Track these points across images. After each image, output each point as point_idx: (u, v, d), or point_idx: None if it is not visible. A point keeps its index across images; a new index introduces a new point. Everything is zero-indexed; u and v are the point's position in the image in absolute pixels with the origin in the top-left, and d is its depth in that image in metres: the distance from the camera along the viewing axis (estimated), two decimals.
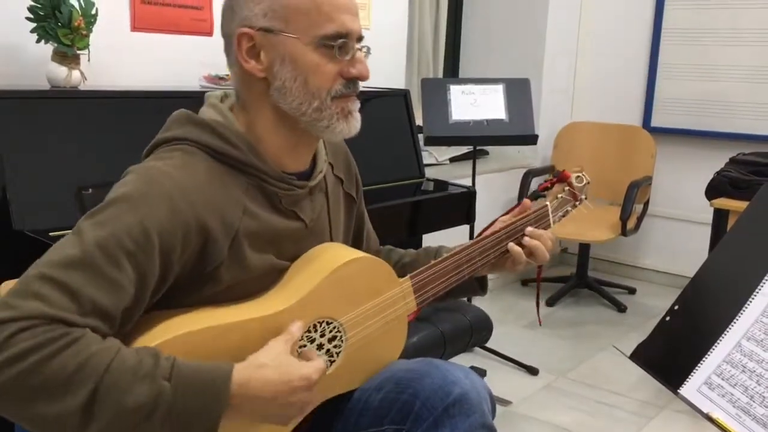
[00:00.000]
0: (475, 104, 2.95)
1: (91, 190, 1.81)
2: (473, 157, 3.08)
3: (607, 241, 3.59)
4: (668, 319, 1.23)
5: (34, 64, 2.04)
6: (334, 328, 1.18)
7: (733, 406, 1.09)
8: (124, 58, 2.29)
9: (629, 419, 2.59)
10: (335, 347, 1.19)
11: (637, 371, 1.35)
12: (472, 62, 4.32)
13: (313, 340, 1.16)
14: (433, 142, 2.94)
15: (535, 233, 1.40)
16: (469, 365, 2.77)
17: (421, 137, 2.89)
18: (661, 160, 3.91)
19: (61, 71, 1.98)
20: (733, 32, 3.73)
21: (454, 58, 4.32)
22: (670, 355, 1.21)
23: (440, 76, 4.11)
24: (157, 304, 1.06)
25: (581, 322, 3.55)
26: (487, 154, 4.08)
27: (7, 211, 1.69)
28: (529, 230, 1.40)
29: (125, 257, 0.98)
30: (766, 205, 1.25)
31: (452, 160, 3.77)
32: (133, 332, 1.03)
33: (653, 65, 3.99)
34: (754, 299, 1.14)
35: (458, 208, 2.73)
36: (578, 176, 1.55)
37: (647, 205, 3.83)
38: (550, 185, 1.55)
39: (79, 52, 2.00)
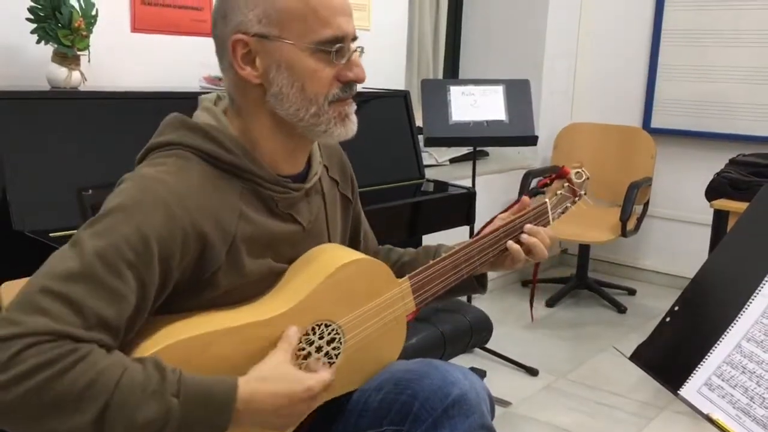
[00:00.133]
0: (475, 105, 2.95)
1: (91, 190, 1.81)
2: (473, 158, 3.08)
3: (607, 242, 3.59)
4: (668, 320, 1.23)
5: (34, 64, 2.04)
6: (332, 330, 1.18)
7: (733, 407, 1.09)
8: (124, 58, 2.29)
9: (629, 420, 2.59)
10: (334, 349, 1.19)
11: (637, 372, 1.35)
12: (472, 63, 4.33)
13: (312, 342, 1.16)
14: (433, 143, 2.94)
15: (533, 230, 1.39)
16: (469, 366, 2.76)
17: (421, 138, 2.89)
18: (661, 161, 3.91)
19: (61, 72, 1.98)
20: (733, 33, 3.73)
21: (454, 59, 4.32)
22: (670, 356, 1.21)
23: (440, 77, 4.11)
24: (155, 310, 1.06)
25: (581, 323, 3.55)
26: (487, 155, 4.08)
27: (7, 211, 1.69)
28: (527, 227, 1.39)
29: (126, 267, 0.98)
30: (766, 206, 1.25)
31: (452, 161, 3.77)
32: (132, 338, 1.03)
33: (653, 66, 3.99)
34: (754, 300, 1.14)
35: (458, 209, 2.73)
36: (577, 172, 1.53)
37: (647, 206, 3.83)
38: (549, 181, 1.53)
39: (79, 52, 2.00)
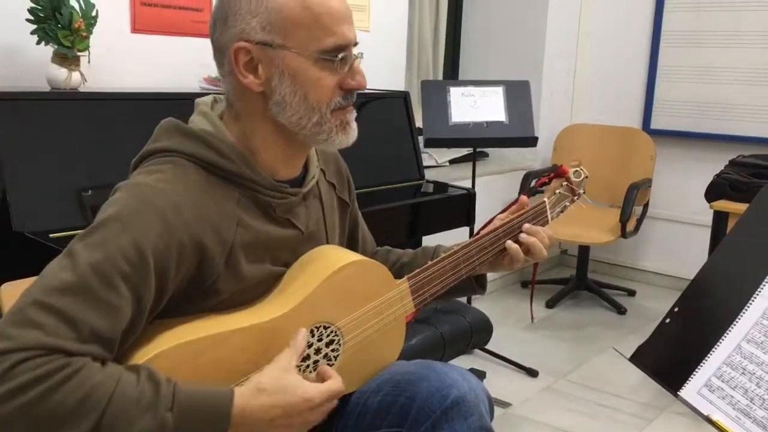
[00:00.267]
0: (474, 106, 2.95)
1: (91, 191, 1.81)
2: (473, 159, 3.08)
3: (606, 243, 3.59)
4: (668, 321, 1.23)
5: (34, 65, 2.04)
6: (331, 332, 1.18)
7: (733, 408, 1.09)
8: (124, 59, 2.29)
9: (629, 421, 2.59)
10: (333, 351, 1.19)
11: (637, 373, 1.35)
12: (471, 64, 4.33)
13: (310, 345, 1.16)
14: (432, 143, 2.94)
15: (531, 230, 1.39)
16: (468, 367, 2.77)
17: (420, 139, 2.90)
18: (660, 162, 3.91)
19: (61, 73, 1.98)
20: (732, 34, 3.73)
21: (453, 60, 4.33)
22: (669, 357, 1.21)
23: (440, 77, 4.12)
24: (156, 315, 1.06)
25: (581, 324, 3.55)
26: (486, 156, 4.08)
27: (7, 212, 1.69)
28: (525, 227, 1.39)
29: (121, 279, 0.97)
30: (765, 207, 1.25)
31: (452, 162, 3.77)
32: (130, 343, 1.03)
33: (653, 67, 4.00)
34: (754, 301, 1.14)
35: (458, 209, 2.73)
36: (576, 171, 1.53)
37: (647, 207, 3.83)
38: (547, 180, 1.53)
39: (79, 53, 2.00)
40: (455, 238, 1.44)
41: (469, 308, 2.37)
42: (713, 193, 2.93)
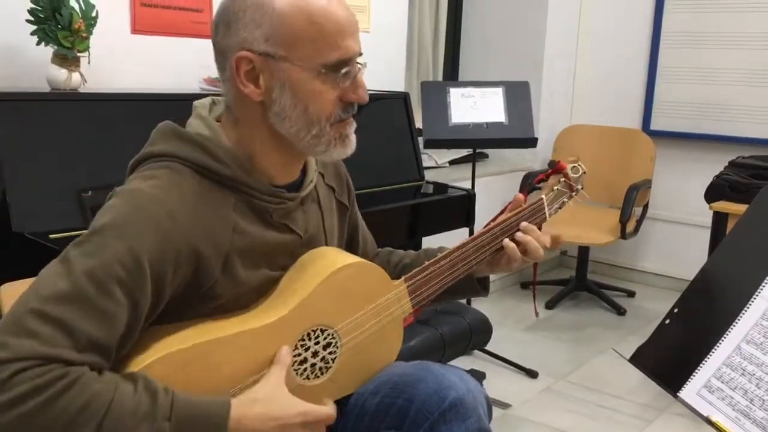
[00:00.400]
0: (474, 107, 2.95)
1: (90, 192, 1.81)
2: (473, 159, 3.08)
3: (606, 244, 3.59)
4: (668, 322, 1.23)
5: (34, 66, 2.04)
6: (328, 335, 1.18)
7: (732, 409, 1.09)
8: (124, 60, 2.29)
9: (629, 422, 2.59)
10: (330, 354, 1.19)
11: (636, 374, 1.35)
12: (471, 65, 4.33)
13: (307, 348, 1.16)
14: (432, 144, 2.95)
15: (527, 228, 1.37)
16: (468, 368, 2.76)
17: (420, 140, 2.90)
18: (660, 163, 3.91)
19: (61, 73, 1.98)
20: (732, 35, 3.74)
21: (453, 61, 4.33)
22: (669, 358, 1.21)
23: (440, 79, 4.12)
24: (153, 320, 1.06)
25: (581, 325, 3.55)
26: (486, 156, 4.08)
27: (7, 213, 1.69)
28: (522, 225, 1.38)
29: (117, 287, 0.96)
30: (765, 208, 1.25)
31: (452, 162, 3.77)
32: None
33: (653, 68, 4.00)
34: (753, 302, 1.14)
35: (458, 210, 2.73)
36: (574, 167, 1.51)
37: (646, 208, 3.83)
38: (545, 177, 1.52)
39: (79, 54, 2.00)
40: (455, 239, 1.43)
41: (468, 309, 2.37)
42: (713, 194, 2.93)
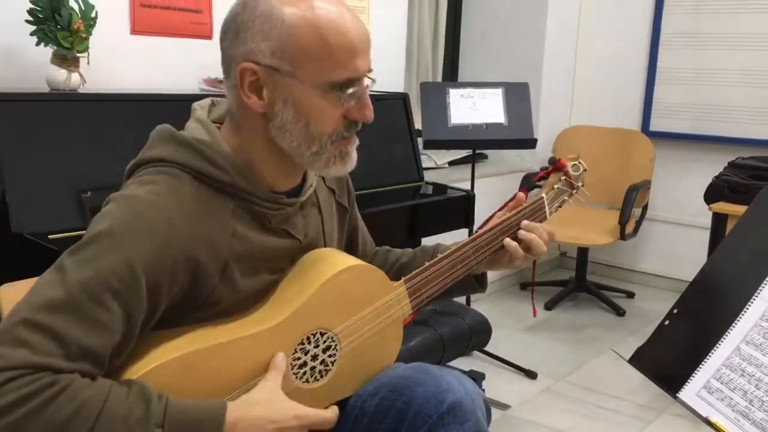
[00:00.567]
0: (474, 108, 2.95)
1: (90, 192, 1.81)
2: (472, 160, 3.08)
3: (605, 245, 3.59)
4: (667, 323, 1.23)
5: (33, 66, 2.04)
6: (328, 338, 1.17)
7: (732, 410, 1.09)
8: (123, 61, 2.29)
9: (628, 423, 2.59)
10: (330, 357, 1.19)
11: (636, 375, 1.35)
12: (471, 66, 4.33)
13: (307, 351, 1.15)
14: (432, 145, 2.94)
15: (530, 226, 1.37)
16: (467, 369, 2.76)
17: (420, 141, 2.90)
18: (659, 164, 3.92)
19: (60, 74, 1.98)
20: (732, 36, 3.74)
21: (453, 61, 4.33)
22: (669, 359, 1.21)
23: (439, 79, 4.12)
24: (151, 327, 1.05)
25: (580, 325, 3.55)
26: (486, 157, 4.08)
27: (6, 213, 1.69)
28: (524, 224, 1.37)
29: (111, 297, 0.95)
30: (764, 209, 1.25)
31: (451, 163, 3.77)
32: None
33: (652, 69, 4.00)
34: (753, 303, 1.14)
35: (457, 211, 2.73)
36: (575, 164, 1.50)
37: (646, 209, 3.83)
38: (545, 175, 1.51)
39: (78, 54, 2.00)
40: (454, 239, 1.43)
41: (468, 310, 2.37)
42: (712, 195, 2.93)
